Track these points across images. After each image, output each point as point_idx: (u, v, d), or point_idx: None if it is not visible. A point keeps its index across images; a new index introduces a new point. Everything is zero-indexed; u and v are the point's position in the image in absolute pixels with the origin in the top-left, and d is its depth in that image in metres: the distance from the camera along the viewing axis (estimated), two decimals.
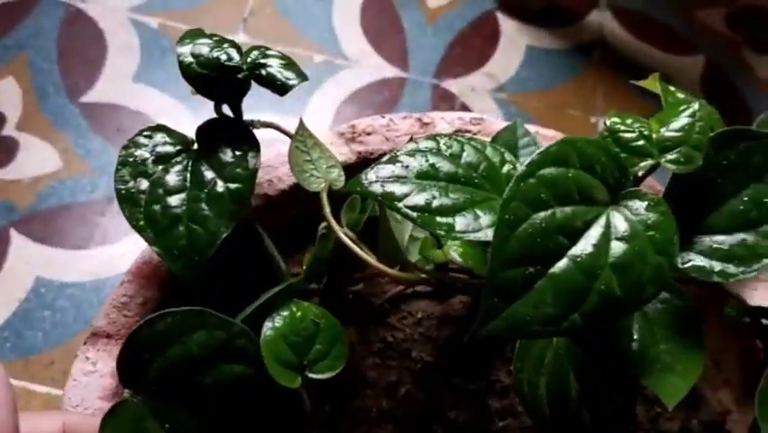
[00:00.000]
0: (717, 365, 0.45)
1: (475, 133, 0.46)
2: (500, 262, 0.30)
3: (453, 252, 0.41)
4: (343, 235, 0.36)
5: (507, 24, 0.88)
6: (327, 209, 0.37)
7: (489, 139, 0.45)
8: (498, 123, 0.46)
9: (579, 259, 0.30)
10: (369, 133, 0.45)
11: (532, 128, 0.46)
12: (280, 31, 0.83)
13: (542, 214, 0.30)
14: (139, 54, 0.79)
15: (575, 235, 0.31)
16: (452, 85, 0.83)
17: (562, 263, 0.30)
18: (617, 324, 0.35)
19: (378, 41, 0.84)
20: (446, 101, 0.81)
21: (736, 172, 0.35)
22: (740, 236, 0.34)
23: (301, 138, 0.40)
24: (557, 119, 0.82)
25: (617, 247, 0.31)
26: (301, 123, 0.40)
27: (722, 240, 0.35)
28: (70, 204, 0.69)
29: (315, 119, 0.77)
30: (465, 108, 0.81)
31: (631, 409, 0.37)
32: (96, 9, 0.82)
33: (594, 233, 0.31)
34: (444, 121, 0.46)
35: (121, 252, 0.67)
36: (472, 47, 0.86)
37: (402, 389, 0.43)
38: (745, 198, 0.35)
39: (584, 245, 0.30)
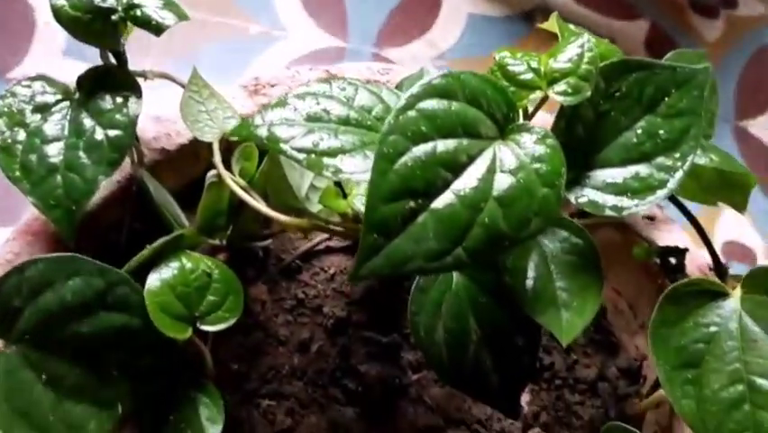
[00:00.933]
0: (633, 311, 0.44)
1: (384, 83, 0.45)
2: (379, 196, 0.29)
3: (357, 201, 0.40)
4: (232, 183, 0.35)
5: None
6: (218, 157, 0.36)
7: None
8: (406, 71, 0.45)
9: (462, 192, 0.29)
10: (273, 85, 0.44)
11: None
12: (215, 1, 0.81)
13: (422, 147, 0.29)
14: None
15: (459, 169, 0.30)
16: (393, 53, 0.81)
17: (445, 197, 0.29)
18: (515, 262, 0.35)
19: (317, 11, 0.83)
20: None
21: (629, 104, 0.34)
22: (634, 169, 0.34)
23: (195, 88, 0.39)
24: None
25: (502, 180, 0.30)
26: (194, 72, 0.39)
27: (616, 173, 0.34)
28: None
29: None
30: None
31: (534, 349, 0.36)
32: None
33: (479, 166, 0.30)
34: (352, 71, 0.45)
35: None
36: (413, 15, 0.85)
37: (314, 345, 0.42)
38: (639, 131, 0.34)
39: (468, 179, 0.30)
